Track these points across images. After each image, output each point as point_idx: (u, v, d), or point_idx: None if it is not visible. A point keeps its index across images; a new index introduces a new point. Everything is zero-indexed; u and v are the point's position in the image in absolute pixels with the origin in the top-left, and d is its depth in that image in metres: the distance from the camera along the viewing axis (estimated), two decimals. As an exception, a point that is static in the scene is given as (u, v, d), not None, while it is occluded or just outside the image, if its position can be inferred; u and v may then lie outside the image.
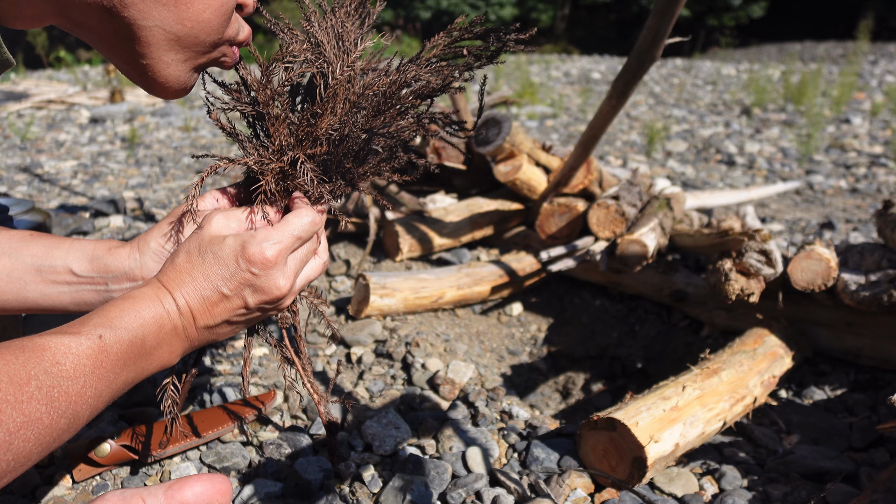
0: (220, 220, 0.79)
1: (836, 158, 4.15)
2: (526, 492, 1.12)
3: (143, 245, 0.83)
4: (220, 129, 0.87)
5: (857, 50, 8.36)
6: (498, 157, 2.11)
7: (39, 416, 0.56)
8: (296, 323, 0.99)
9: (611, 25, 20.16)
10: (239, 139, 0.86)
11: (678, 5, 1.38)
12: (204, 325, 0.76)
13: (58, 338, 0.62)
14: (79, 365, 0.61)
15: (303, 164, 0.83)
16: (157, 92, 0.80)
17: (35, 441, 0.56)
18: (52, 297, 0.81)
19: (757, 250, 1.52)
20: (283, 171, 0.85)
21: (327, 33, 0.86)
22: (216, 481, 0.62)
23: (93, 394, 0.62)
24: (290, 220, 0.79)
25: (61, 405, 0.59)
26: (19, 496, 1.03)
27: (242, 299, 0.77)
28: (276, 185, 0.85)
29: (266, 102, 0.84)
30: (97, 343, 0.64)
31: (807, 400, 1.54)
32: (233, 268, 0.75)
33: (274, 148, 0.85)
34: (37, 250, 0.80)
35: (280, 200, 0.86)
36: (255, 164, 0.84)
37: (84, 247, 0.82)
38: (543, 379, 1.81)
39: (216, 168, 0.83)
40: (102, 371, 0.63)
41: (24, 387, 0.56)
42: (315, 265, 0.87)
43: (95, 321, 0.66)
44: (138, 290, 0.73)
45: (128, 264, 0.81)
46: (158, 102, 6.11)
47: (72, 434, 0.62)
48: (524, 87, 6.67)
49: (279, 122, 0.84)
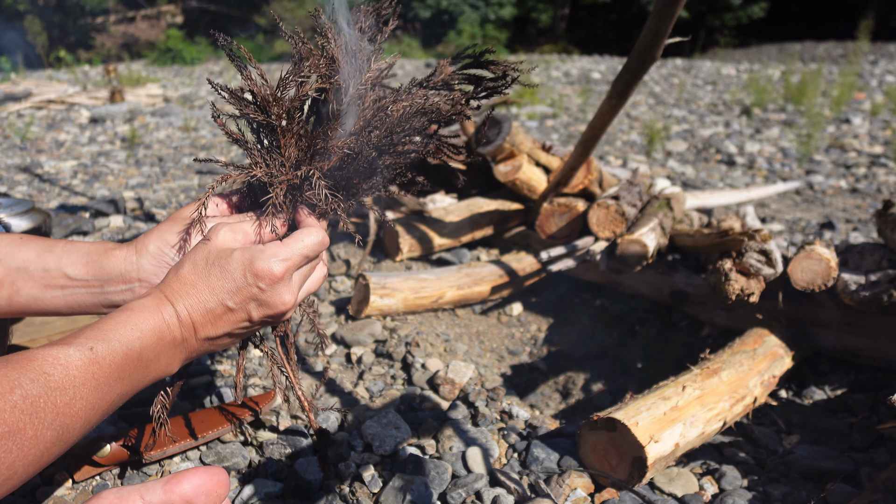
0: (226, 234, 0.78)
1: (836, 158, 4.15)
2: (526, 492, 1.12)
3: (142, 248, 0.82)
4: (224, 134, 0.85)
5: (857, 50, 8.36)
6: (498, 157, 2.11)
7: (22, 427, 0.55)
8: (288, 330, 1.00)
9: (611, 25, 20.16)
10: (248, 148, 0.85)
11: (678, 5, 1.38)
12: (205, 336, 0.76)
13: (47, 349, 0.61)
14: (68, 376, 0.60)
15: (318, 180, 0.83)
16: None
17: (18, 453, 0.55)
18: (45, 301, 0.80)
19: (757, 250, 1.52)
20: (292, 184, 0.84)
21: (342, 50, 0.86)
22: (214, 473, 0.62)
23: (84, 406, 0.61)
24: (299, 238, 0.79)
25: (48, 416, 0.57)
26: (19, 496, 1.03)
27: (247, 313, 0.77)
28: (284, 198, 0.84)
29: (279, 115, 0.83)
30: (88, 354, 0.62)
31: (807, 400, 1.54)
32: (240, 282, 0.75)
33: (284, 160, 0.84)
34: (28, 255, 0.79)
35: (287, 212, 0.85)
36: (265, 175, 0.83)
37: (78, 250, 0.81)
38: (543, 379, 1.81)
39: (226, 178, 0.82)
40: (95, 383, 0.62)
41: (7, 396, 0.54)
42: (316, 277, 0.87)
43: (88, 334, 0.65)
44: (137, 302, 0.72)
45: (123, 266, 0.80)
46: (158, 102, 6.11)
47: (63, 448, 0.60)
48: (524, 87, 6.67)
49: (290, 136, 0.84)
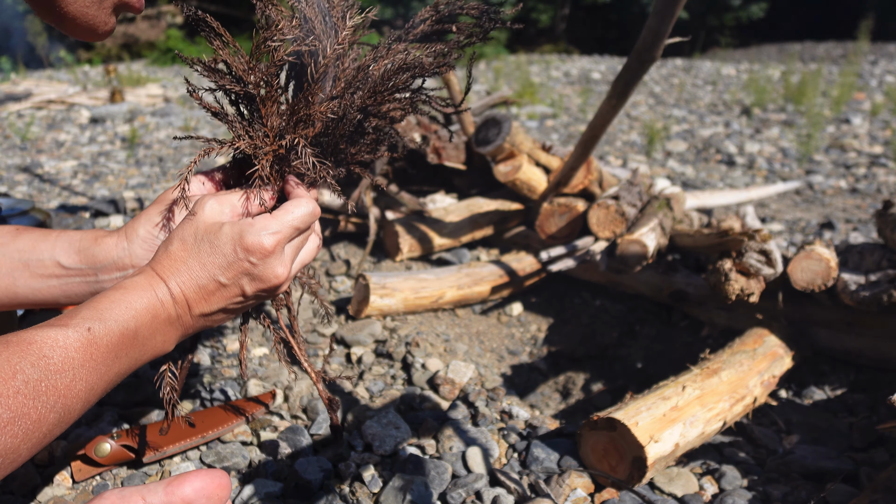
0: (213, 206, 0.76)
1: (836, 158, 4.15)
2: (526, 492, 1.12)
3: (132, 233, 0.81)
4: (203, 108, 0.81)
5: (857, 50, 8.36)
6: (498, 157, 2.11)
7: (27, 411, 0.55)
8: (289, 304, 0.98)
9: (611, 25, 20.15)
10: (229, 121, 0.82)
11: (678, 5, 1.38)
12: (199, 312, 0.75)
13: (45, 331, 0.61)
14: (67, 358, 0.60)
15: (303, 148, 0.80)
16: (69, 30, 0.77)
17: (23, 436, 0.55)
18: (42, 291, 0.80)
19: (757, 250, 1.52)
20: (277, 155, 0.81)
21: (314, 9, 0.82)
22: (215, 476, 0.62)
23: (84, 387, 0.61)
24: (288, 210, 0.77)
25: (49, 399, 0.58)
26: (19, 496, 1.03)
27: (240, 287, 0.75)
28: (271, 169, 0.81)
29: (257, 83, 0.79)
30: (86, 335, 0.62)
31: (807, 400, 1.54)
32: (231, 257, 0.73)
33: (267, 130, 0.81)
34: (23, 245, 0.79)
35: (274, 183, 0.82)
36: (249, 147, 0.80)
37: (71, 238, 0.81)
38: (543, 379, 1.81)
39: (209, 151, 0.79)
40: (93, 364, 0.62)
41: (10, 381, 0.55)
42: (310, 248, 0.85)
43: (84, 314, 0.65)
44: (130, 280, 0.71)
45: (116, 253, 0.80)
46: (158, 102, 6.11)
47: (63, 428, 0.61)
48: (524, 87, 6.67)
49: (271, 103, 0.81)
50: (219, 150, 0.80)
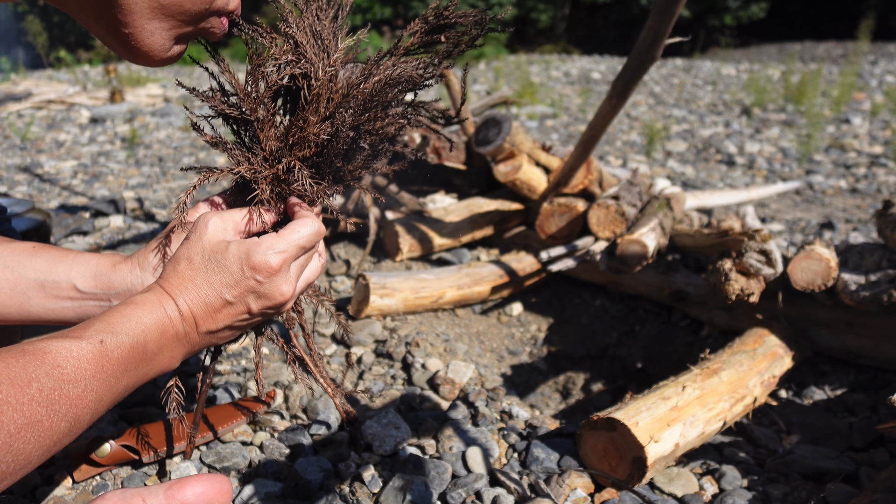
0: (216, 223, 0.78)
1: (836, 158, 4.15)
2: (526, 492, 1.12)
3: (144, 262, 0.83)
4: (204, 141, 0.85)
5: (857, 50, 8.36)
6: (498, 157, 2.11)
7: (40, 419, 0.57)
8: (302, 322, 1.00)
9: (611, 25, 20.16)
10: (227, 148, 0.84)
11: (678, 5, 1.38)
12: (206, 330, 0.76)
13: (59, 342, 0.62)
14: (80, 369, 0.61)
15: (300, 170, 0.82)
16: (141, 61, 0.77)
17: (35, 443, 0.56)
18: (55, 312, 0.81)
19: (757, 250, 1.52)
20: (276, 177, 0.84)
21: (305, 33, 0.83)
22: (216, 481, 0.62)
23: (94, 398, 0.63)
24: (294, 229, 0.79)
25: (62, 408, 0.59)
26: (19, 496, 1.03)
27: (246, 305, 0.77)
28: (271, 192, 0.84)
29: (253, 108, 0.82)
30: (98, 348, 0.64)
31: (807, 400, 1.54)
32: (237, 275, 0.75)
33: (265, 154, 0.83)
34: (40, 264, 0.80)
35: (276, 205, 0.85)
36: (248, 172, 0.82)
37: (87, 262, 0.82)
38: (543, 379, 1.81)
39: (206, 178, 0.82)
40: (104, 375, 0.64)
41: (25, 389, 0.56)
42: (314, 267, 0.87)
43: (97, 326, 0.66)
44: (140, 296, 0.73)
45: (130, 280, 0.82)
46: (158, 102, 6.11)
47: (72, 438, 0.62)
48: (524, 87, 6.67)
49: (268, 128, 0.83)
50: (219, 175, 0.82)
